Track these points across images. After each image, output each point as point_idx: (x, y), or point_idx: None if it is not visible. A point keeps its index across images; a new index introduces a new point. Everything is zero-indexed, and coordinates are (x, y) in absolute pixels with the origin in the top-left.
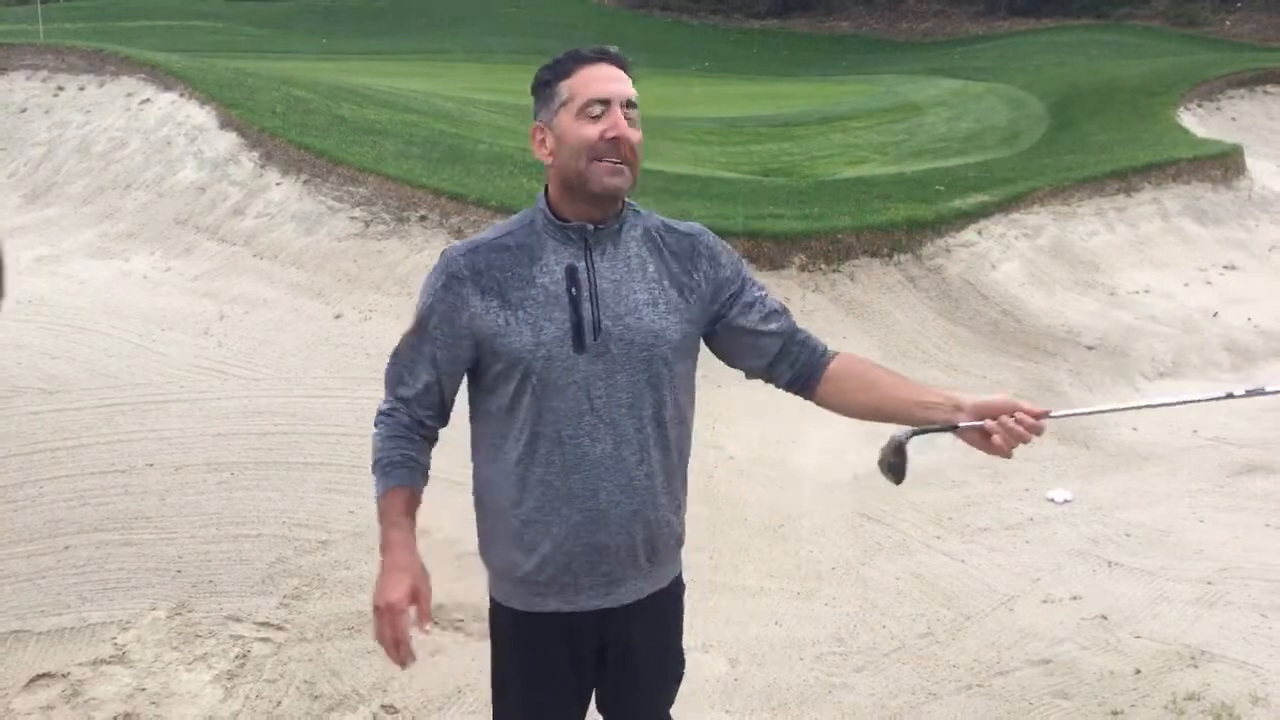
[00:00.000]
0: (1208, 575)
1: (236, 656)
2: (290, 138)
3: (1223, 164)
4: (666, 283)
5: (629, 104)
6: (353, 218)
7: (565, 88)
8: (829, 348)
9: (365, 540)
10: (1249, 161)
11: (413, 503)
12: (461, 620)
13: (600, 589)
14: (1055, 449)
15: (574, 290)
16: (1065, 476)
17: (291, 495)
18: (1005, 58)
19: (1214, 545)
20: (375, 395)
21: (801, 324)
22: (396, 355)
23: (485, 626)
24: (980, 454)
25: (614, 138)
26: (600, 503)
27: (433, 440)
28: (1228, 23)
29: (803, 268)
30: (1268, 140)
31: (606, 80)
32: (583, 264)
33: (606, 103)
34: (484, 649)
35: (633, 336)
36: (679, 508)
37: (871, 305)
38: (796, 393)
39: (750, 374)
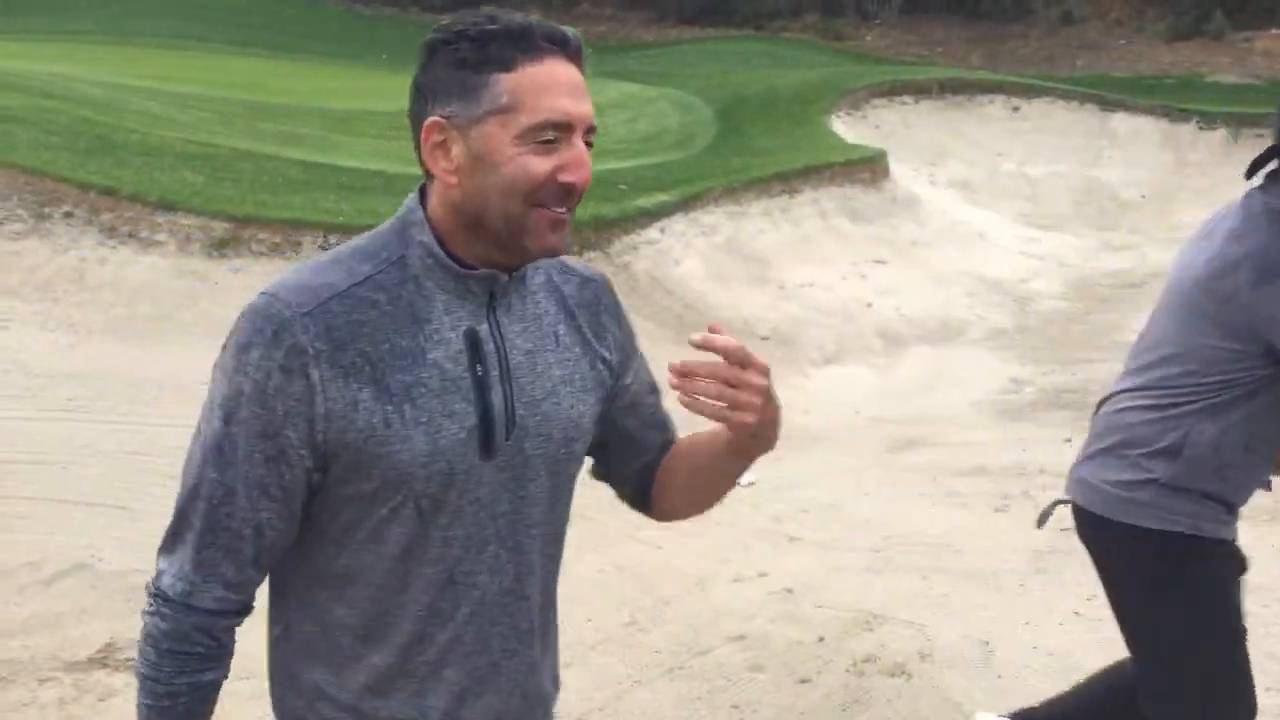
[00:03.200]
0: (875, 544)
1: None
2: None
3: (870, 168)
4: (579, 349)
5: (590, 129)
6: None
7: (503, 86)
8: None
9: (14, 580)
10: (891, 165)
11: None
12: (135, 660)
13: None
14: None
15: (479, 368)
16: None
17: None
18: (675, 64)
19: (879, 516)
20: (15, 414)
21: None
22: (188, 494)
23: None
24: None
25: (572, 183)
26: (492, 656)
27: (241, 620)
28: (868, 38)
29: None
30: (904, 145)
31: (568, 92)
32: (485, 327)
33: (567, 129)
34: None
35: (551, 430)
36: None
37: None
38: (637, 504)
39: (600, 473)
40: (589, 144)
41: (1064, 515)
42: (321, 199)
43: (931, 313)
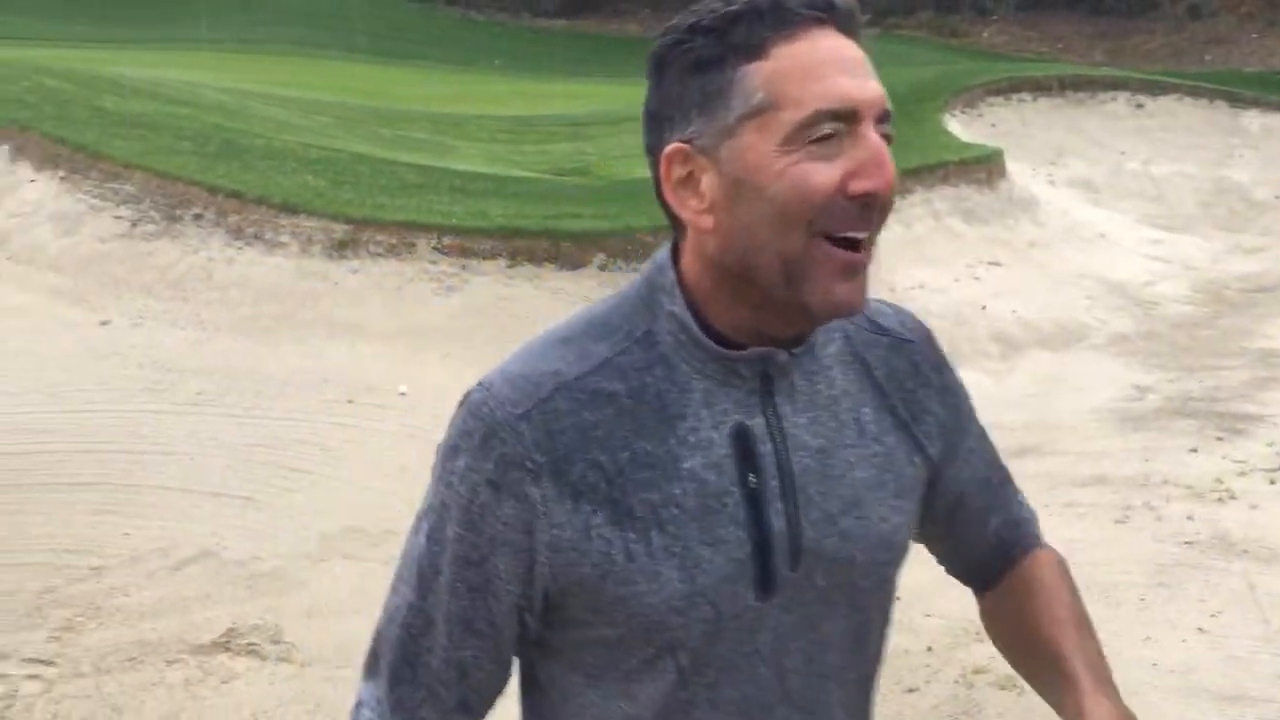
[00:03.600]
0: None
1: (3, 697)
2: (45, 131)
3: (985, 167)
4: (892, 439)
5: (884, 116)
6: (118, 217)
7: (756, 79)
8: (1034, 527)
9: (144, 565)
10: (1008, 165)
11: None
12: (256, 645)
13: None
14: None
15: (751, 478)
16: None
17: (58, 519)
18: None
19: None
20: (148, 408)
21: None
22: (387, 616)
23: (280, 648)
24: None
25: (869, 192)
26: None
27: None
28: (985, 34)
29: (603, 267)
30: (1022, 144)
31: (845, 69)
32: (760, 421)
33: (852, 118)
34: (280, 672)
35: (853, 553)
36: None
37: None
38: (969, 584)
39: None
40: (888, 137)
41: (1185, 528)
42: (436, 201)
43: (1050, 316)
